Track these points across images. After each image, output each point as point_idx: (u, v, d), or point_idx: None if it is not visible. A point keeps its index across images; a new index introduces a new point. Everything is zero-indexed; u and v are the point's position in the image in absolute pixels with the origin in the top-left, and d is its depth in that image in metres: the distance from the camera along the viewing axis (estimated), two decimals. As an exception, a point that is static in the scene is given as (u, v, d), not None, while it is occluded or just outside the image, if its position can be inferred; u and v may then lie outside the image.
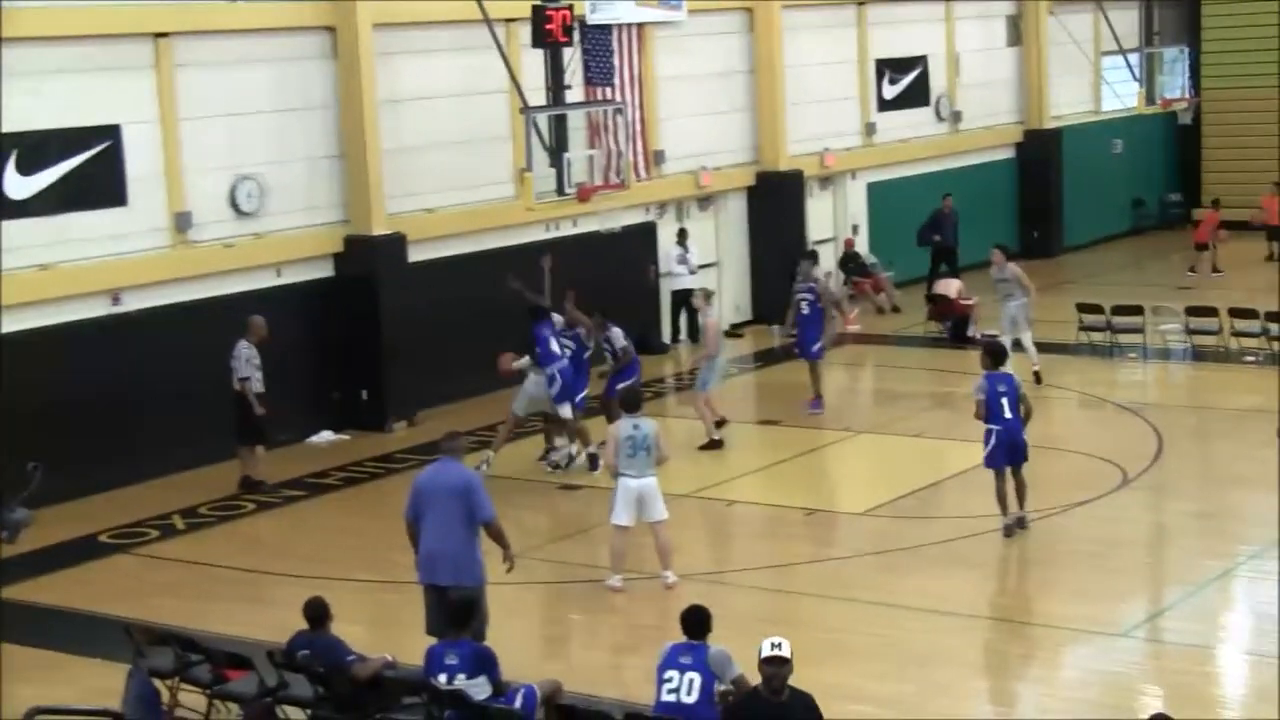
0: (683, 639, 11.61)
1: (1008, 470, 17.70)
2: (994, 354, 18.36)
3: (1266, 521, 17.85)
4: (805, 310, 23.59)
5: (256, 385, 20.57)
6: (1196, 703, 13.20)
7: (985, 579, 16.92)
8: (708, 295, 22.45)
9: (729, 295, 30.42)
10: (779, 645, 10.67)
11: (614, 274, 27.07)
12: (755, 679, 11.53)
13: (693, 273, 28.61)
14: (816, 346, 23.48)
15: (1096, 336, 27.11)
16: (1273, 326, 25.89)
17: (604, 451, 17.48)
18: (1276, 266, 33.91)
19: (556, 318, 21.21)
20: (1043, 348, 24.88)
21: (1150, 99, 37.62)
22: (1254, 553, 16.98)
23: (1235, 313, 26.52)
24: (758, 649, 10.61)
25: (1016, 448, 17.68)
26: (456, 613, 12.26)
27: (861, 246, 32.59)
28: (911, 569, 16.78)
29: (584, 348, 21.42)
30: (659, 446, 16.41)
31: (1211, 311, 26.88)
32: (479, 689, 11.80)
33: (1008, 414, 17.64)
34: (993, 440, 17.69)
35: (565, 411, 20.79)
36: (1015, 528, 17.64)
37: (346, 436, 23.36)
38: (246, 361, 20.51)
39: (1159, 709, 11.35)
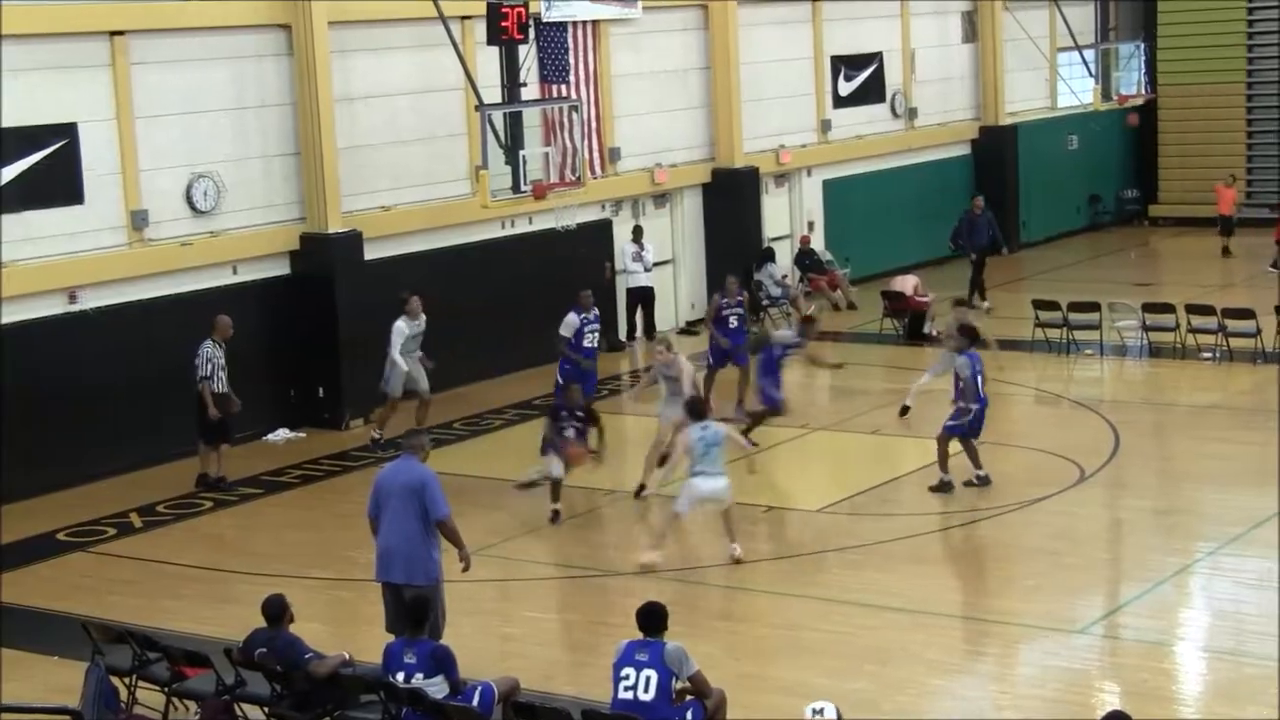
0: (639, 636, 11.62)
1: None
2: (972, 333, 19.51)
3: (1223, 518, 17.98)
4: (734, 324, 23.43)
5: (220, 385, 20.49)
6: (1153, 700, 13.26)
7: (942, 576, 16.99)
8: (668, 345, 20.83)
9: (684, 293, 30.45)
10: (820, 711, 10.32)
11: (569, 271, 27.06)
12: (712, 675, 11.57)
13: (648, 270, 28.62)
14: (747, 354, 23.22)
15: (1053, 333, 27.21)
16: (1229, 323, 26.04)
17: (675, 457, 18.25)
18: (1261, 261, 34.00)
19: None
20: (1000, 344, 24.96)
21: (1106, 95, 37.81)
22: (1211, 549, 17.08)
23: (1192, 309, 26.66)
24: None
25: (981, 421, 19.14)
26: (412, 612, 12.26)
27: (818, 243, 32.65)
28: (868, 565, 16.83)
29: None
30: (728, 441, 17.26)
31: (1168, 308, 27.01)
32: (437, 687, 11.80)
33: (983, 391, 18.92)
34: (971, 416, 18.86)
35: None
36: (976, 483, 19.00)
37: (303, 434, 23.30)
38: (207, 360, 20.43)
39: (1116, 706, 11.40)
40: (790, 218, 32.82)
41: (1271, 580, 16.13)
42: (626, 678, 11.52)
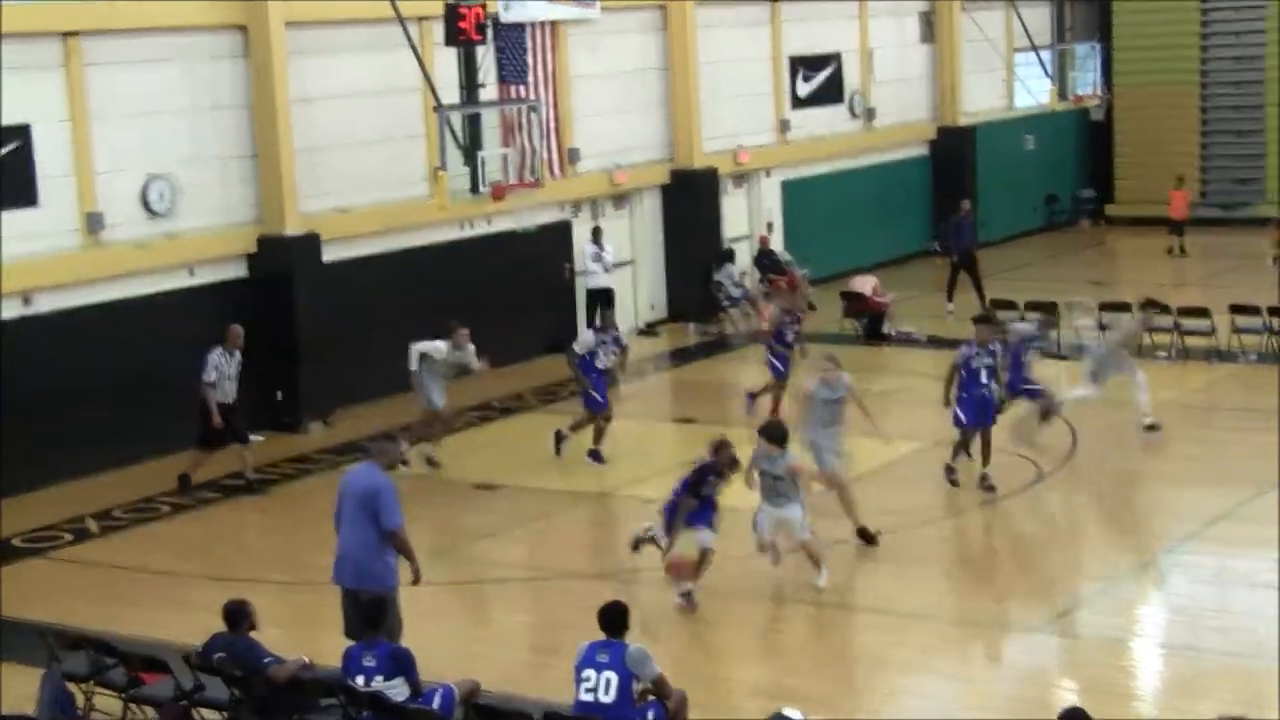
0: (602, 637, 11.61)
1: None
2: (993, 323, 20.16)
3: (1180, 516, 18.08)
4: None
5: (226, 395, 20.40)
6: (1112, 696, 13.32)
7: (901, 575, 16.97)
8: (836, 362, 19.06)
9: (644, 293, 30.44)
10: None
11: (529, 273, 27.06)
12: (673, 676, 11.57)
13: (608, 270, 28.59)
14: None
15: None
16: (1186, 322, 26.18)
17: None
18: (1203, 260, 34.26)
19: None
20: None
21: (1063, 95, 37.98)
22: (1169, 547, 17.18)
23: (1147, 307, 26.76)
24: None
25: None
26: (366, 614, 12.24)
27: (777, 244, 32.68)
28: (829, 565, 16.82)
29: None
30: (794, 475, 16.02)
31: (1124, 307, 27.11)
32: (397, 690, 11.75)
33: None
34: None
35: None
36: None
37: (261, 438, 23.17)
38: (213, 367, 20.30)
39: (1074, 702, 11.44)
40: (749, 218, 32.84)
41: (1229, 576, 16.27)
42: (587, 679, 11.50)
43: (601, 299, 28.46)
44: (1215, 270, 33.61)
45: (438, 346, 21.20)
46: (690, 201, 30.64)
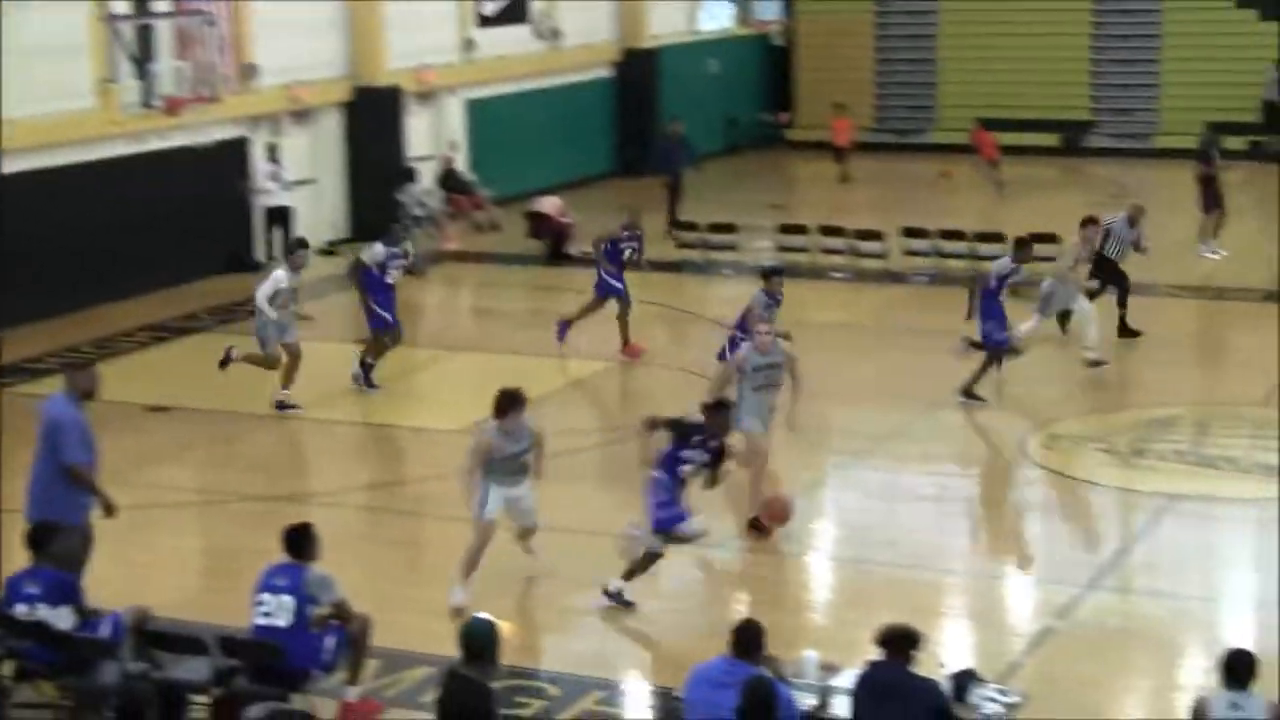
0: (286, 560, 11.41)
1: None
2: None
3: (853, 434, 18.55)
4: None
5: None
6: (785, 609, 13.66)
7: (581, 494, 17.01)
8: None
9: (326, 212, 29.92)
10: None
11: (205, 190, 26.36)
12: (357, 599, 11.43)
13: (286, 189, 28.03)
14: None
15: (693, 254, 27.61)
16: (860, 244, 26.85)
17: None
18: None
19: None
20: (637, 263, 25.06)
21: (745, 20, 38.39)
22: (840, 463, 17.62)
23: (825, 230, 27.40)
24: None
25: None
26: (33, 537, 11.76)
27: (461, 164, 32.44)
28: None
29: None
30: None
31: (801, 229, 27.71)
32: (62, 618, 11.35)
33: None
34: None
35: None
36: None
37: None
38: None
39: (747, 613, 11.65)
40: (434, 138, 32.51)
41: (897, 491, 16.79)
42: (264, 603, 11.32)
43: (278, 217, 27.93)
44: (889, 194, 34.49)
45: (279, 277, 19.34)
46: (373, 120, 30.19)
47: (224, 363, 19.60)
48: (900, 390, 20.07)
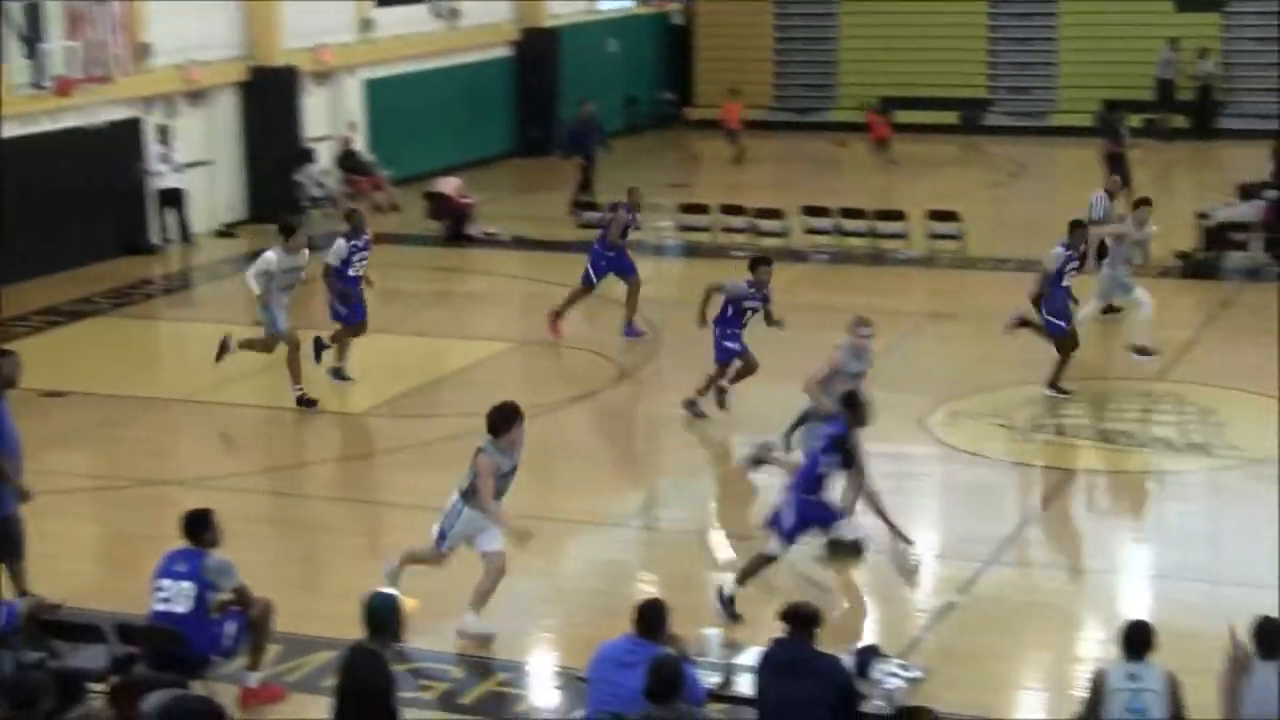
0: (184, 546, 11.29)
1: None
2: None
3: (757, 412, 18.57)
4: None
5: None
6: (688, 587, 13.64)
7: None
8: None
9: (222, 194, 29.58)
10: None
11: (98, 172, 26.00)
12: (259, 584, 11.33)
13: (177, 171, 27.67)
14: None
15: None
16: (761, 222, 26.92)
17: None
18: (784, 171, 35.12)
19: None
20: (538, 244, 25.01)
21: (643, -1, 38.33)
22: (741, 441, 17.64)
23: (726, 209, 27.44)
24: None
25: None
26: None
27: (360, 144, 32.19)
28: (414, 467, 16.74)
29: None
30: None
31: (703, 209, 27.73)
32: (-47, 610, 11.19)
33: None
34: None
35: None
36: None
37: None
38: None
39: (654, 594, 11.65)
40: (332, 118, 32.22)
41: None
42: (163, 589, 11.24)
43: (171, 200, 27.61)
44: (789, 173, 34.57)
45: (269, 259, 18.39)
46: (270, 100, 29.88)
47: (220, 354, 18.81)
48: (801, 368, 20.08)
